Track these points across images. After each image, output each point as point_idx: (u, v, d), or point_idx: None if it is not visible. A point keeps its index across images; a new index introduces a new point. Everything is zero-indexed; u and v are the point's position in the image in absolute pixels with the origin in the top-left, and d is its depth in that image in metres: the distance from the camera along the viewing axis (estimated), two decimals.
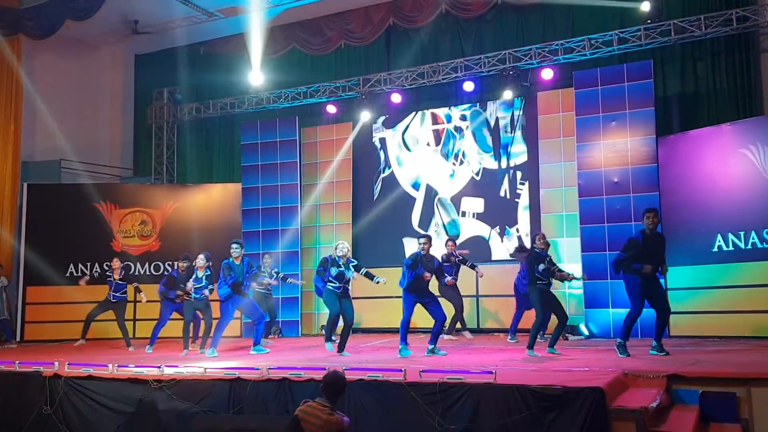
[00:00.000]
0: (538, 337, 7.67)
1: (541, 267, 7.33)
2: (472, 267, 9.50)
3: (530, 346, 7.22)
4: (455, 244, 9.70)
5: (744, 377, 5.26)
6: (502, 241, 11.03)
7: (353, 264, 8.02)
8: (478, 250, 10.94)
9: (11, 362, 7.07)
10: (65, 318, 11.40)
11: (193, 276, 8.90)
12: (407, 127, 12.04)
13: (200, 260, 8.92)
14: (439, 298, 7.96)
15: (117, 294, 9.80)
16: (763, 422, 5.07)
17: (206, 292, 8.87)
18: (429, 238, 7.81)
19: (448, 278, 8.68)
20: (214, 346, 8.34)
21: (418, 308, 7.71)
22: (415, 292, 7.56)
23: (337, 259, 7.93)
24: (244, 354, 8.40)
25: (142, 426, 6.16)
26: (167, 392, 6.08)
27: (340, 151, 12.10)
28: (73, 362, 6.79)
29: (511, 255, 10.32)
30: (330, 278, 7.89)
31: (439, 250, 9.70)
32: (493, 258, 10.99)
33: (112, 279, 9.84)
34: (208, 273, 8.89)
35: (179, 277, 9.25)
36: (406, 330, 7.61)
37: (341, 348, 7.84)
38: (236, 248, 8.46)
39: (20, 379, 6.81)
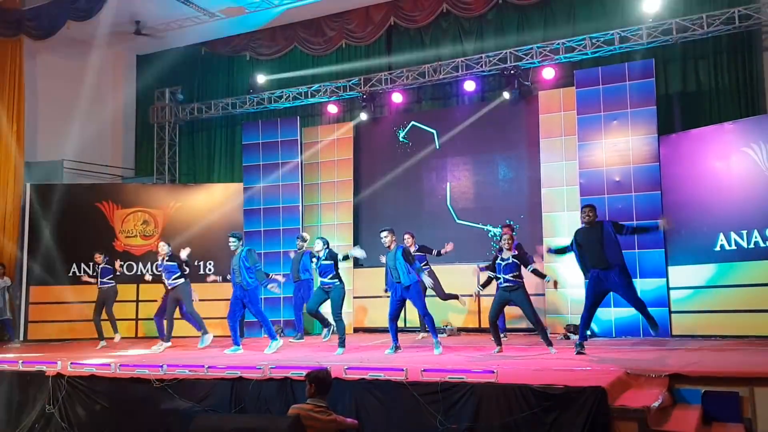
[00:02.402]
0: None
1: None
2: (438, 254, 9.47)
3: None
4: (413, 237, 9.48)
5: (747, 376, 5.25)
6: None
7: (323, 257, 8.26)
8: (478, 250, 10.97)
9: (14, 361, 7.10)
10: (68, 318, 11.43)
11: (159, 264, 9.25)
12: None
13: (161, 247, 9.25)
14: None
15: (104, 280, 10.01)
16: (766, 421, 5.06)
17: (178, 277, 9.02)
18: (388, 231, 7.79)
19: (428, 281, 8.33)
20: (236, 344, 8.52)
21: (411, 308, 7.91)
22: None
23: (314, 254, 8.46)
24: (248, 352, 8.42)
25: (144, 425, 6.17)
26: (169, 391, 6.09)
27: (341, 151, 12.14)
28: (75, 361, 6.81)
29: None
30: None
31: None
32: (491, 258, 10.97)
33: (98, 269, 10.13)
34: (170, 255, 9.12)
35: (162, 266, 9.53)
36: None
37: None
38: (232, 242, 8.64)
39: (23, 378, 6.83)
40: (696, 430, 4.81)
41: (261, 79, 12.71)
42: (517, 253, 7.59)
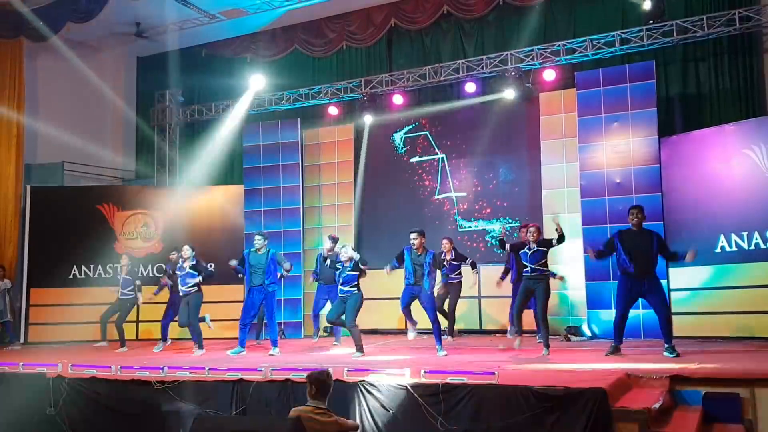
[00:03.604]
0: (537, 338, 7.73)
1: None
2: (473, 265, 9.41)
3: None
4: (451, 242, 9.50)
5: (747, 378, 5.26)
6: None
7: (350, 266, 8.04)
8: (479, 251, 10.97)
9: (15, 364, 7.09)
10: (69, 320, 11.41)
11: (178, 266, 9.03)
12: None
13: (185, 251, 8.99)
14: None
15: (124, 291, 9.91)
16: (766, 423, 5.06)
17: (193, 285, 8.81)
18: (418, 233, 7.71)
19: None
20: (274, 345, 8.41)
21: (415, 308, 7.84)
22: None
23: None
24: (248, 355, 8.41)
25: (145, 427, 6.17)
26: (170, 393, 6.09)
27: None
28: (76, 363, 6.81)
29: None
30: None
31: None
32: (494, 258, 10.99)
33: (120, 276, 10.00)
34: (194, 263, 8.92)
35: (170, 269, 9.50)
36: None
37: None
38: (259, 240, 8.51)
39: (24, 380, 6.82)
40: (697, 431, 4.81)
41: (261, 81, 12.73)
42: (542, 239, 7.64)
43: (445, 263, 9.20)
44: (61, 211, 11.91)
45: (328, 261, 8.72)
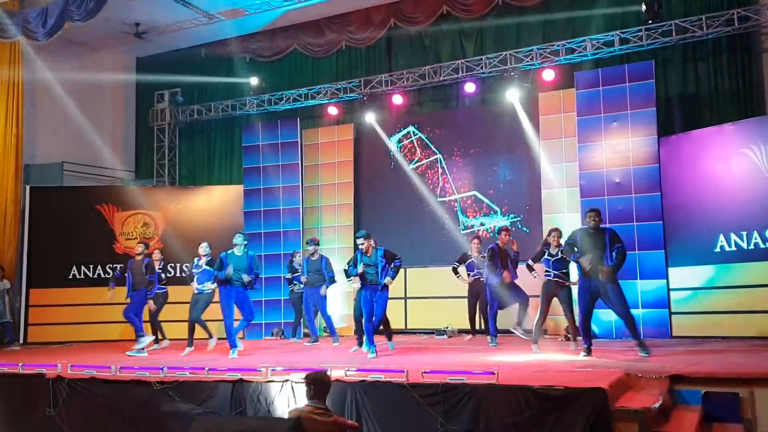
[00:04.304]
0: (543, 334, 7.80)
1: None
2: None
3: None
4: (480, 242, 9.60)
5: (747, 377, 5.26)
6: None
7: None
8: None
9: (15, 364, 7.08)
10: (68, 320, 11.42)
11: (194, 264, 9.02)
12: None
13: (202, 248, 8.97)
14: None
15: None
16: (766, 422, 5.07)
17: (209, 284, 8.80)
18: (365, 237, 7.71)
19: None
20: (233, 346, 8.20)
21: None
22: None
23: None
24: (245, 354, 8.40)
25: (144, 428, 6.16)
26: (170, 394, 6.08)
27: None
28: (76, 364, 6.80)
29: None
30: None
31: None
32: None
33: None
34: (209, 259, 8.89)
35: (133, 264, 9.10)
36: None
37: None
38: (240, 239, 8.39)
39: (24, 381, 6.82)
40: (696, 430, 4.81)
41: (256, 80, 12.75)
42: (562, 247, 7.62)
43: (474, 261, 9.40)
44: (60, 211, 11.92)
45: (310, 266, 8.92)
